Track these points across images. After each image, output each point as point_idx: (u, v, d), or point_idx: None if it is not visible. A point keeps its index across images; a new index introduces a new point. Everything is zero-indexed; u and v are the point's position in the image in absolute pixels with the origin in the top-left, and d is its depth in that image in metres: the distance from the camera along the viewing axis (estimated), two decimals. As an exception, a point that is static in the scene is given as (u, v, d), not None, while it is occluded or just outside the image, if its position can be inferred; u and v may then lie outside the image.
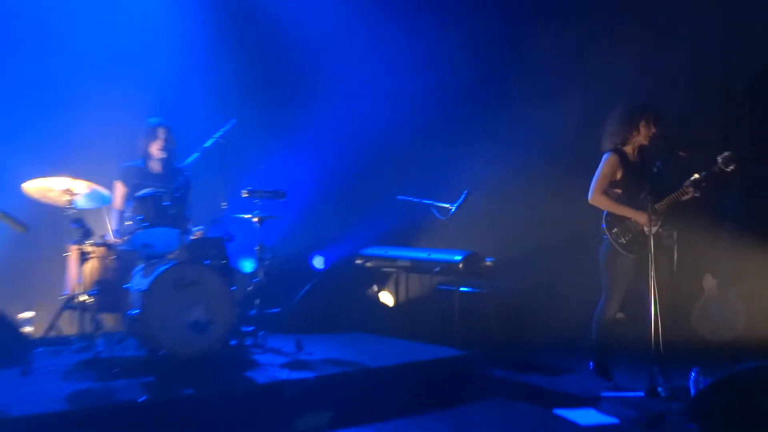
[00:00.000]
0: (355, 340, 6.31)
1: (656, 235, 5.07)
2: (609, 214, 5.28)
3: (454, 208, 6.92)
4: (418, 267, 7.02)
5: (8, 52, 6.25)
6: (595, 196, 5.29)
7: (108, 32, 6.67)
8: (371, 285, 7.41)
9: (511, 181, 7.70)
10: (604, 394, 5.25)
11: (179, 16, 7.03)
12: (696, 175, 5.05)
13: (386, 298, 7.39)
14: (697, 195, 5.11)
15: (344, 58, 7.95)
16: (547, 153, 7.75)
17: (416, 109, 8.07)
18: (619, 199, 5.26)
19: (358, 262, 7.43)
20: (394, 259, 7.17)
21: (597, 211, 5.38)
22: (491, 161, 7.83)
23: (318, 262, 7.84)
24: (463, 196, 6.87)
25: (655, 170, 5.18)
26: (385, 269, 7.28)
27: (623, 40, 7.84)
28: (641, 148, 5.36)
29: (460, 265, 6.58)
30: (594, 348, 5.48)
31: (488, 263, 6.82)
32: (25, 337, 5.39)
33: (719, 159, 4.95)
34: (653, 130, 5.29)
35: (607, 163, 5.29)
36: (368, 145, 7.91)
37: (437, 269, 6.80)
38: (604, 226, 5.29)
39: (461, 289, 6.69)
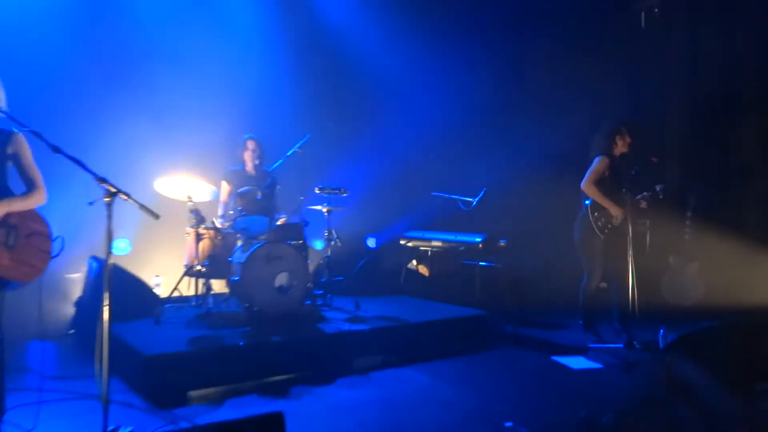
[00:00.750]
0: (399, 301, 6.32)
1: (626, 223, 5.03)
2: (593, 201, 5.22)
3: (475, 201, 6.89)
4: (448, 246, 7.01)
5: (149, 85, 6.37)
6: (587, 185, 5.20)
7: (220, 66, 6.77)
8: (412, 259, 7.41)
9: (520, 180, 7.63)
10: (591, 345, 5.20)
11: (270, 53, 7.10)
12: (645, 193, 5.17)
13: (423, 270, 7.39)
14: (645, 207, 5.23)
15: (393, 83, 7.90)
16: (548, 157, 7.64)
17: (447, 123, 7.99)
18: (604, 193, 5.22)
19: (402, 242, 7.44)
20: (429, 240, 7.17)
21: (579, 202, 5.34)
22: (505, 164, 7.75)
23: (371, 242, 7.87)
24: (482, 192, 6.84)
25: (633, 173, 5.09)
26: (422, 248, 7.28)
27: (610, 67, 7.70)
28: (623, 156, 5.28)
29: (480, 246, 6.56)
30: (581, 311, 5.43)
31: (502, 244, 6.77)
32: (156, 296, 5.54)
33: (657, 188, 5.13)
34: (628, 141, 5.25)
35: (600, 162, 5.22)
36: (410, 152, 7.88)
37: (462, 248, 6.79)
38: (588, 209, 5.23)
39: (481, 263, 6.66)
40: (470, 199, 6.95)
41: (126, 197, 2.79)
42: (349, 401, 3.83)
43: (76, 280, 5.66)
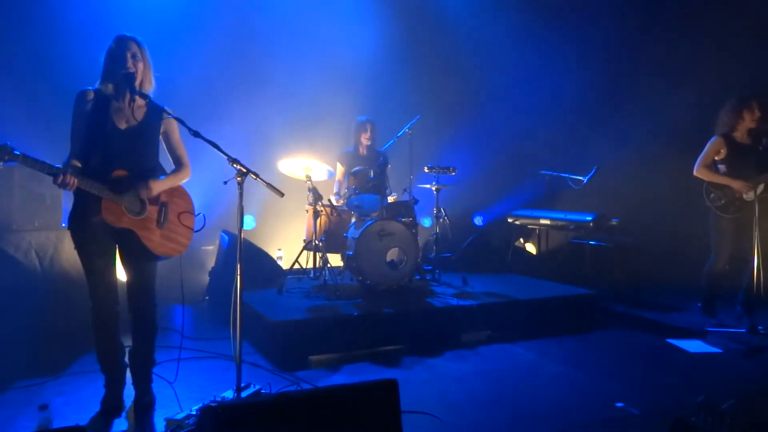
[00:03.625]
0: (506, 279, 6.25)
1: (753, 201, 4.64)
2: (709, 183, 4.89)
3: (585, 179, 6.66)
4: (557, 225, 6.80)
5: (270, 74, 6.67)
6: (698, 169, 4.92)
7: (334, 52, 6.95)
8: (519, 238, 7.28)
9: (633, 158, 7.23)
10: (710, 329, 4.87)
11: (380, 38, 7.17)
12: None
13: (531, 248, 7.24)
14: None
15: (500, 61, 7.71)
16: (662, 135, 7.18)
17: (557, 100, 7.73)
18: (723, 172, 4.84)
19: (510, 220, 7.32)
20: (537, 218, 6.98)
21: (700, 182, 4.97)
22: (617, 142, 7.40)
23: (478, 220, 7.82)
24: (593, 170, 6.59)
25: (761, 148, 4.68)
26: (530, 226, 7.12)
27: (731, 41, 7.02)
28: (751, 131, 4.85)
29: (591, 224, 6.31)
30: (703, 292, 5.09)
31: (613, 223, 6.47)
32: (279, 268, 5.85)
33: None
34: (758, 115, 4.80)
35: (711, 144, 4.90)
36: (518, 130, 7.73)
37: (572, 227, 6.57)
38: (703, 191, 4.91)
39: (591, 242, 6.41)
40: (580, 177, 6.72)
41: (255, 177, 2.95)
42: (458, 372, 3.87)
43: (210, 251, 6.12)
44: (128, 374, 3.23)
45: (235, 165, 2.91)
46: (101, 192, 2.82)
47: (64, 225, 4.47)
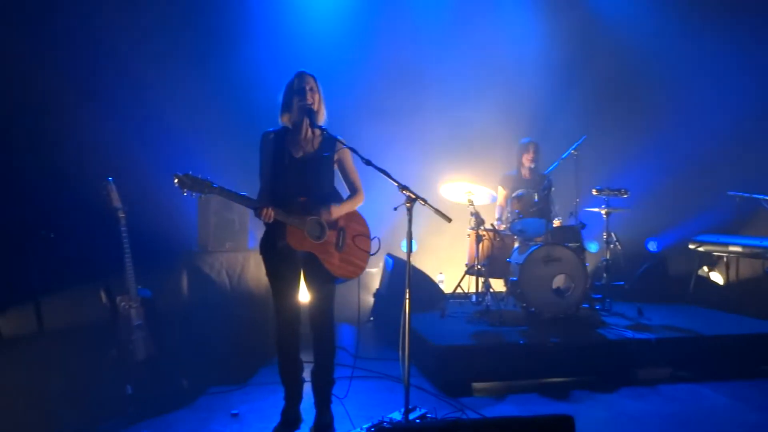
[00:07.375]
0: (688, 311, 5.70)
1: None
2: None
3: (786, 202, 5.87)
4: (751, 252, 6.02)
5: (433, 98, 6.84)
6: None
7: (496, 72, 6.91)
8: (703, 266, 6.58)
9: None
10: None
11: (544, 55, 7.02)
12: None
13: (717, 277, 6.51)
14: None
15: (675, 71, 7.09)
16: None
17: (746, 110, 6.91)
18: None
19: (691, 246, 6.65)
20: (725, 244, 6.25)
21: None
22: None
23: (652, 245, 7.23)
24: (795, 191, 5.79)
25: None
26: (716, 253, 6.40)
27: None
28: None
29: (794, 252, 5.52)
30: None
31: (826, 251, 5.59)
32: (441, 292, 5.88)
33: None
34: None
35: None
36: (700, 147, 7.00)
37: (770, 255, 5.79)
38: None
39: (794, 273, 5.61)
40: (779, 200, 5.93)
41: (423, 203, 3.03)
42: (637, 412, 3.58)
43: (373, 274, 6.35)
44: (305, 390, 3.44)
45: (404, 192, 3.01)
46: (286, 219, 3.06)
47: (249, 247, 4.93)
